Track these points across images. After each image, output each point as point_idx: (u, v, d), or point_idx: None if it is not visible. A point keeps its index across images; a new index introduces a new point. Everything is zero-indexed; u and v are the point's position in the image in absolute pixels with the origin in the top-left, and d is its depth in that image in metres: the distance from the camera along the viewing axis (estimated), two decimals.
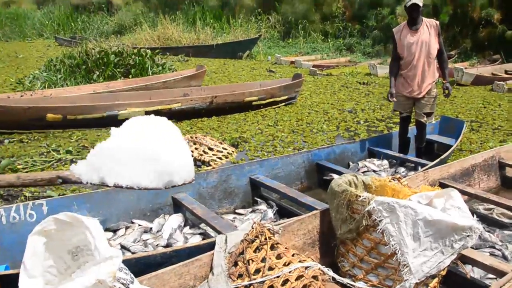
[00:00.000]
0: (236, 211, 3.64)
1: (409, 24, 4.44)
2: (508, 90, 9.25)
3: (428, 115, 4.61)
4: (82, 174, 1.48)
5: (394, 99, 4.64)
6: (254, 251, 2.34)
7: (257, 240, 2.37)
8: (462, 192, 3.73)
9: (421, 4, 4.29)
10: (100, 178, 1.45)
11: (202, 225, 3.20)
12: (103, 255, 1.12)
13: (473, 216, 3.62)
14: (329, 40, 16.30)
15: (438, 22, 4.50)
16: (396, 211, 2.37)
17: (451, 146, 4.81)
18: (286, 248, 2.36)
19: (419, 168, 4.16)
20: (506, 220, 3.60)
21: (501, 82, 9.44)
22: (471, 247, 3.12)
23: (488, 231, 3.38)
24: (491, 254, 3.01)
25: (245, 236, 2.38)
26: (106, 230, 3.07)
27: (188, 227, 3.22)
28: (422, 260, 2.39)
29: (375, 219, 2.45)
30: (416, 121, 4.71)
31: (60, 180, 1.55)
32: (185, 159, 1.47)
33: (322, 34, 16.73)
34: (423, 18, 4.47)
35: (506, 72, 11.65)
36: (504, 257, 2.99)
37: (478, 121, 6.79)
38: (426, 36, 4.38)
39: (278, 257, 2.30)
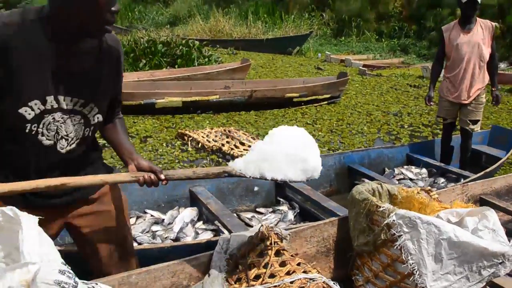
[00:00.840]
0: (257, 209, 3.49)
1: (462, 23, 4.09)
2: None
3: (475, 122, 4.25)
4: (242, 169, 1.87)
5: (431, 103, 4.33)
6: (257, 256, 2.18)
7: (262, 244, 2.21)
8: (505, 211, 3.39)
9: (479, 1, 3.93)
10: (260, 173, 1.89)
11: (217, 222, 3.06)
12: (24, 259, 1.01)
13: None
14: (383, 40, 15.75)
15: (494, 24, 4.11)
16: (417, 227, 2.13)
17: (500, 158, 4.43)
18: (292, 255, 2.18)
19: (461, 180, 3.84)
20: None
21: None
22: (508, 275, 2.82)
23: None
24: None
25: (250, 239, 2.22)
26: None
27: (201, 222, 3.11)
28: (443, 284, 2.14)
29: (394, 234, 2.22)
30: (460, 129, 4.37)
31: (226, 174, 1.86)
32: (319, 159, 1.99)
33: (376, 34, 16.19)
34: (478, 18, 4.11)
35: None
36: None
37: None
38: (479, 38, 4.02)
39: (282, 264, 2.12)
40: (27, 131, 1.45)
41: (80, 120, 1.59)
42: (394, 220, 2.22)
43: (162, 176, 1.75)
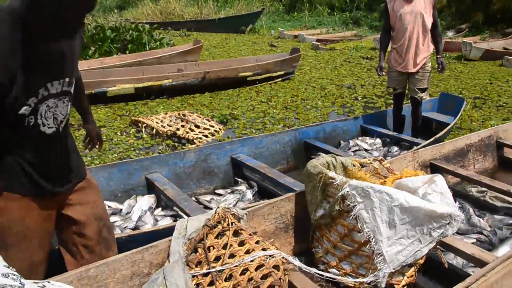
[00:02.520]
0: (216, 191, 3.49)
1: None
2: None
3: (423, 90, 4.37)
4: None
5: (383, 73, 4.43)
6: (216, 237, 2.19)
7: (219, 226, 2.21)
8: (454, 174, 3.53)
9: None
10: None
11: (175, 207, 3.05)
12: None
13: (464, 199, 3.46)
14: (335, 14, 15.87)
15: None
16: (370, 197, 2.19)
17: (449, 124, 4.59)
18: (250, 234, 2.20)
19: (414, 148, 3.95)
20: (498, 204, 3.40)
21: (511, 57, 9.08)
22: (457, 233, 2.95)
23: (479, 215, 3.20)
24: (478, 240, 2.84)
25: (207, 222, 2.23)
26: None
27: (160, 208, 3.08)
28: (397, 248, 2.22)
29: (349, 204, 2.28)
30: (410, 98, 4.48)
31: None
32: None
33: (328, 8, 16.30)
34: None
35: None
36: (491, 244, 2.81)
37: (482, 98, 6.51)
38: (421, 7, 4.10)
39: (241, 244, 2.14)
40: (27, 123, 1.47)
41: (68, 99, 1.60)
42: (348, 191, 2.26)
43: None
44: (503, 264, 2.15)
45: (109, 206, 3.02)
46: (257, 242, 2.16)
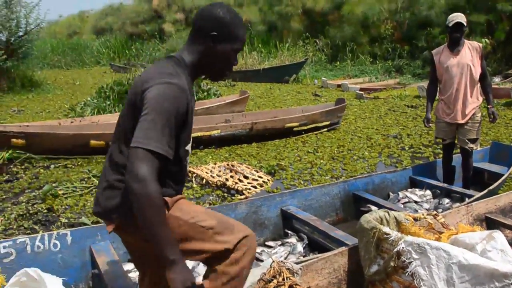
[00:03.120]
0: (266, 243, 3.52)
1: (450, 46, 4.21)
2: None
3: (473, 141, 4.31)
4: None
5: (430, 125, 4.42)
6: None
7: (274, 281, 2.24)
8: (510, 228, 3.43)
9: (465, 24, 4.06)
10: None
11: None
12: None
13: None
14: (378, 62, 15.96)
15: (481, 45, 4.22)
16: (427, 253, 2.18)
17: (502, 175, 4.47)
18: None
19: (466, 200, 3.87)
20: None
21: None
22: None
23: None
24: None
25: (262, 276, 2.26)
26: (129, 261, 3.04)
27: None
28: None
29: (405, 261, 2.26)
30: (460, 148, 4.43)
31: None
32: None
33: (370, 56, 16.43)
34: (465, 40, 4.22)
35: None
36: None
37: None
38: (468, 59, 4.13)
39: None
40: (185, 162, 1.87)
41: None
42: (403, 247, 2.26)
43: None
44: None
45: None
46: None
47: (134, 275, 2.89)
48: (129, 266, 2.98)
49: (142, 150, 1.54)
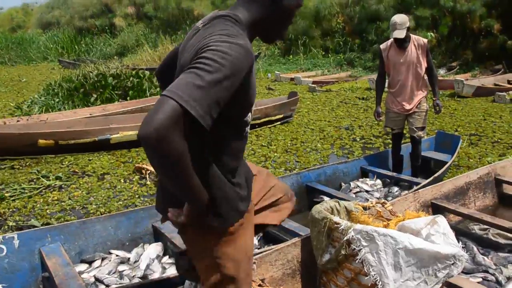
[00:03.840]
0: None
1: (397, 42, 4.33)
2: (510, 100, 9.09)
3: (421, 129, 4.49)
4: None
5: (380, 118, 4.57)
6: None
7: None
8: (455, 213, 3.60)
9: (403, 35, 4.11)
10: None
11: None
12: None
13: (467, 237, 3.50)
14: (330, 56, 16.25)
15: (426, 41, 4.36)
16: (375, 240, 2.25)
17: (447, 162, 4.68)
18: (260, 285, 2.24)
19: (414, 187, 4.02)
20: (502, 241, 3.45)
21: (503, 93, 9.30)
22: (463, 272, 2.98)
23: (483, 254, 3.24)
24: (484, 279, 2.87)
25: None
26: (82, 261, 2.98)
27: (167, 256, 3.12)
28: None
29: (354, 249, 2.33)
30: (410, 137, 4.59)
31: None
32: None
33: (322, 50, 16.70)
34: (412, 35, 4.35)
35: (508, 82, 11.50)
36: (498, 282, 2.85)
37: (477, 135, 6.64)
38: (414, 56, 4.27)
39: None
40: (244, 133, 1.58)
41: None
42: (353, 236, 2.32)
43: None
44: None
45: (117, 255, 3.06)
46: None
47: (87, 275, 2.84)
48: (81, 267, 2.92)
49: (173, 101, 1.18)
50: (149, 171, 4.91)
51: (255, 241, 3.34)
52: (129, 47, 20.30)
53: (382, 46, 4.49)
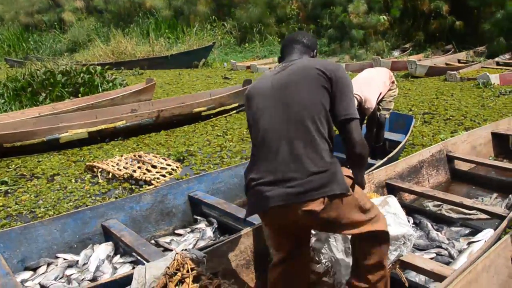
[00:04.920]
0: (176, 232, 3.43)
1: None
2: (460, 79, 9.31)
3: (386, 110, 4.54)
4: None
5: None
6: (176, 285, 2.13)
7: (179, 273, 2.16)
8: (409, 191, 3.62)
9: None
10: None
11: (134, 253, 2.97)
12: None
13: (422, 214, 3.53)
14: None
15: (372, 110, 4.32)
16: None
17: (401, 142, 4.71)
18: (210, 278, 2.16)
19: (369, 169, 4.02)
20: (455, 216, 3.50)
21: (454, 72, 9.52)
22: (417, 249, 3.00)
23: (437, 229, 3.27)
24: (438, 255, 2.90)
25: (166, 270, 2.17)
26: (26, 269, 2.82)
27: (119, 256, 3.00)
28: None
29: None
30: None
31: None
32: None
33: (278, 37, 16.63)
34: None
35: (459, 61, 11.82)
36: (451, 256, 2.87)
37: (431, 113, 6.76)
38: None
39: None
40: None
41: None
42: None
43: None
44: (460, 276, 2.19)
45: (64, 259, 2.91)
46: (218, 286, 2.13)
47: (32, 283, 2.68)
48: (25, 275, 2.76)
49: (356, 120, 1.94)
50: (100, 169, 4.73)
51: (210, 233, 3.26)
52: (81, 42, 19.60)
53: None
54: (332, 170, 1.84)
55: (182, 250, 2.33)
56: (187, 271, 2.17)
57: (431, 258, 2.85)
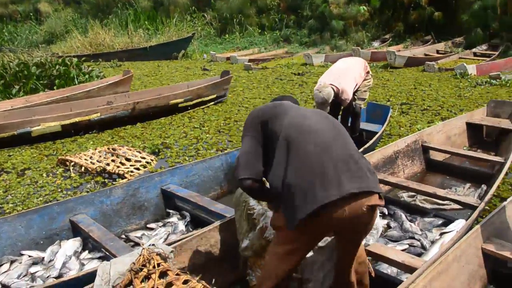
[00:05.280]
0: (148, 226, 3.36)
1: None
2: (438, 69, 9.37)
3: (362, 100, 4.52)
4: None
5: None
6: (142, 282, 2.07)
7: (145, 269, 2.10)
8: (384, 182, 3.60)
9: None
10: None
11: (103, 249, 2.89)
12: None
13: (396, 205, 3.52)
14: (266, 33, 16.11)
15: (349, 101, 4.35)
16: None
17: (378, 133, 4.69)
18: (178, 274, 2.10)
19: None
20: (428, 206, 3.50)
21: (432, 62, 9.56)
22: (391, 240, 2.99)
23: (411, 220, 3.27)
24: (411, 246, 2.89)
25: (132, 266, 2.11)
26: None
27: (87, 251, 2.92)
28: (325, 270, 2.21)
29: (266, 237, 2.24)
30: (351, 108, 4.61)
31: None
32: None
33: (258, 28, 16.52)
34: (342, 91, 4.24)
35: (437, 51, 11.89)
36: (423, 247, 2.87)
37: (408, 103, 6.77)
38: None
39: (169, 286, 2.04)
40: None
41: None
42: (265, 224, 2.23)
43: None
44: (430, 268, 2.18)
45: (29, 256, 2.82)
46: (185, 282, 2.06)
47: None
48: None
49: None
50: (73, 163, 4.62)
51: (182, 227, 3.21)
52: (58, 34, 19.18)
53: None
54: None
55: (150, 245, 2.26)
56: (153, 267, 2.10)
57: (404, 250, 2.85)
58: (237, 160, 1.99)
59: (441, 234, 2.92)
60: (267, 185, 1.99)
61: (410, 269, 2.32)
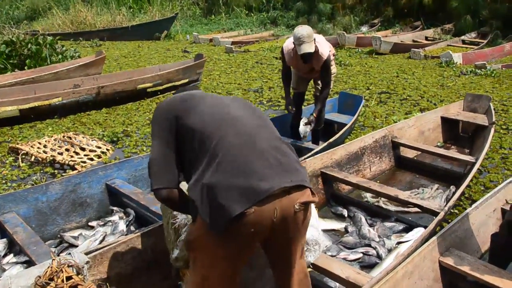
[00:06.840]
0: (89, 224, 3.12)
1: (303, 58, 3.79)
2: (424, 56, 9.11)
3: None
4: None
5: (293, 110, 4.20)
6: None
7: (52, 284, 1.86)
8: (344, 182, 3.37)
9: (312, 49, 3.62)
10: None
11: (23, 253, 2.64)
12: None
13: (358, 206, 3.30)
14: (253, 14, 15.72)
15: (325, 58, 3.81)
16: None
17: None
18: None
19: (304, 157, 3.68)
20: (392, 208, 3.29)
21: (418, 49, 9.30)
22: (345, 247, 2.77)
23: (371, 224, 3.06)
24: (365, 254, 2.67)
25: (36, 280, 1.87)
26: None
27: (12, 255, 2.67)
28: (260, 284, 1.98)
29: None
30: (314, 97, 4.35)
31: None
32: None
33: (245, 9, 16.10)
34: (317, 48, 3.74)
35: (426, 38, 11.61)
36: (378, 256, 2.65)
37: (388, 92, 6.53)
38: (315, 73, 4.03)
39: None
40: None
41: None
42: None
43: None
44: (375, 286, 1.96)
45: None
46: None
47: None
48: None
49: None
50: (23, 152, 4.34)
51: (123, 227, 2.97)
52: (40, 10, 18.62)
53: (285, 51, 3.97)
54: None
55: (67, 253, 2.03)
56: (62, 281, 1.87)
57: (357, 259, 2.64)
58: (148, 168, 1.74)
59: (398, 243, 2.71)
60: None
61: (354, 287, 2.11)
